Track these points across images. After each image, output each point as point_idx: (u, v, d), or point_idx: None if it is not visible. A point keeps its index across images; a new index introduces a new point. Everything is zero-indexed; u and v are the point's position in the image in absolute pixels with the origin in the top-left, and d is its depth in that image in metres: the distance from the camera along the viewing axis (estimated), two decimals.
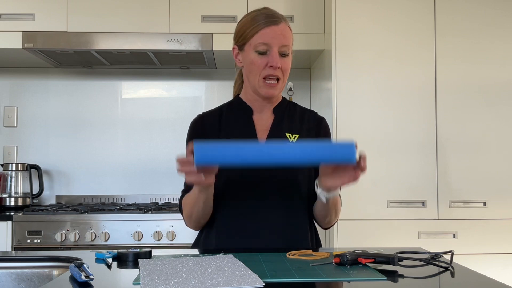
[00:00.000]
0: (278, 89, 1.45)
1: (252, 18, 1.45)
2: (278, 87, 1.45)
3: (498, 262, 2.34)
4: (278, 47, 1.41)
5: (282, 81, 1.45)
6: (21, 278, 1.25)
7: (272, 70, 1.41)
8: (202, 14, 2.68)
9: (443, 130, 2.40)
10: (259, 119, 1.51)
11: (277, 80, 1.43)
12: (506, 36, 2.43)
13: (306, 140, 1.49)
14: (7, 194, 2.88)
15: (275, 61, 1.40)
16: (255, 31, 1.42)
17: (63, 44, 2.65)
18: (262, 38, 1.41)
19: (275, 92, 1.45)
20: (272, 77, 1.42)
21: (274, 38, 1.40)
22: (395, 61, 2.41)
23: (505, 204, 2.39)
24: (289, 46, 1.43)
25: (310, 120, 1.54)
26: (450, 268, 1.12)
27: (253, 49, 1.43)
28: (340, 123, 2.38)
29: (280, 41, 1.41)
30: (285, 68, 1.43)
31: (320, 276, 1.02)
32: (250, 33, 1.43)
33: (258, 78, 1.43)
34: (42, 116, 3.09)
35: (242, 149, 1.17)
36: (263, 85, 1.44)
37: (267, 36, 1.40)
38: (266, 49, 1.41)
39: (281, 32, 1.41)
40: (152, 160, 3.09)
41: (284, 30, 1.43)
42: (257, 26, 1.42)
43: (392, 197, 2.38)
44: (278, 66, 1.40)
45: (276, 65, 1.40)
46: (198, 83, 3.15)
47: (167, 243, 2.48)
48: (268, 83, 1.43)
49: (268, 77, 1.42)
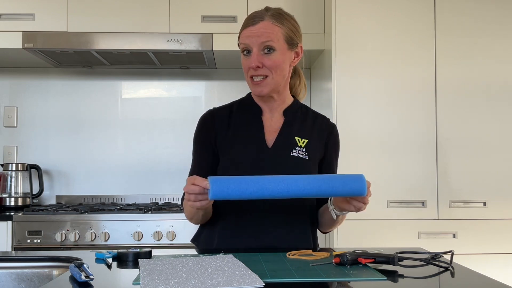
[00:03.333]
0: (267, 86, 1.43)
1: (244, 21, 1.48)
2: (266, 84, 1.43)
3: (498, 262, 2.34)
4: (257, 46, 1.41)
5: (271, 77, 1.43)
6: (21, 278, 1.25)
7: (253, 71, 1.42)
8: (202, 14, 2.68)
9: (443, 130, 2.40)
10: (269, 120, 1.50)
11: (266, 78, 1.43)
12: (506, 35, 2.43)
13: (314, 145, 1.49)
14: (7, 194, 2.88)
15: (252, 62, 1.40)
16: (239, 34, 1.46)
17: (63, 44, 2.65)
18: (242, 40, 1.44)
19: (263, 89, 1.44)
20: (256, 77, 1.43)
21: (251, 38, 1.41)
22: (395, 61, 2.41)
23: (505, 204, 2.39)
24: (271, 41, 1.40)
25: (322, 126, 1.53)
26: (450, 268, 1.12)
27: (241, 51, 1.46)
28: (340, 123, 2.37)
29: (257, 39, 1.40)
30: (270, 65, 1.41)
31: (320, 276, 1.02)
32: (239, 36, 1.47)
33: (248, 78, 1.45)
34: (42, 116, 3.09)
35: (256, 184, 1.17)
36: (251, 84, 1.45)
37: (245, 37, 1.43)
38: (248, 49, 1.43)
39: (257, 31, 1.41)
40: (152, 160, 3.09)
41: (262, 27, 1.41)
42: (241, 29, 1.45)
43: (392, 197, 2.38)
44: (256, 66, 1.40)
45: (252, 65, 1.40)
46: (198, 83, 3.15)
47: (167, 243, 2.48)
48: (254, 82, 1.44)
49: (253, 77, 1.43)
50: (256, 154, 1.44)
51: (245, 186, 1.16)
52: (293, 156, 1.44)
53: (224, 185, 1.15)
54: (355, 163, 2.37)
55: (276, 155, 1.44)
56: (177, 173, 2.99)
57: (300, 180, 1.20)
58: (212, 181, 1.15)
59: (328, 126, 1.55)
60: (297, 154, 1.45)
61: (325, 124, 1.55)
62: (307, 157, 1.45)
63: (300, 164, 1.44)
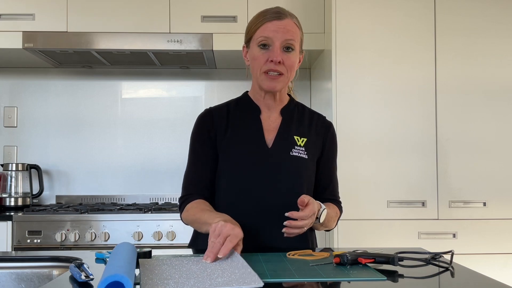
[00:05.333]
0: (281, 83, 1.43)
1: (258, 15, 1.45)
2: (281, 81, 1.42)
3: (498, 262, 2.34)
4: (281, 41, 1.39)
5: (285, 76, 1.42)
6: (21, 278, 1.24)
7: (273, 65, 1.39)
8: (202, 14, 2.68)
9: (443, 130, 2.40)
10: (267, 119, 1.50)
11: (281, 75, 1.42)
12: (506, 35, 2.43)
13: (313, 144, 1.48)
14: (7, 194, 2.88)
15: (276, 56, 1.38)
16: (259, 25, 1.41)
17: (63, 44, 2.65)
18: (264, 32, 1.40)
19: (277, 85, 1.43)
20: (273, 72, 1.41)
21: (276, 32, 1.39)
22: (395, 61, 2.41)
23: (505, 204, 2.39)
24: (294, 41, 1.41)
25: (318, 124, 1.53)
26: (450, 268, 1.12)
27: (256, 43, 1.42)
28: (340, 123, 2.37)
29: (283, 35, 1.39)
30: (289, 64, 1.41)
31: (320, 276, 1.02)
32: (254, 28, 1.43)
33: (260, 72, 1.42)
34: (42, 116, 3.09)
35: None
36: (265, 78, 1.42)
37: (269, 30, 1.39)
38: (268, 43, 1.40)
39: (284, 27, 1.39)
40: (152, 160, 3.09)
41: (288, 25, 1.41)
42: (261, 21, 1.42)
43: (392, 197, 2.38)
44: (279, 61, 1.38)
45: (277, 59, 1.38)
46: (198, 83, 3.15)
47: (167, 243, 2.48)
48: (269, 76, 1.41)
49: (270, 72, 1.41)
50: (257, 154, 1.44)
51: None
52: (293, 155, 1.44)
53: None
54: (355, 163, 2.37)
55: (276, 155, 1.44)
56: (177, 173, 2.97)
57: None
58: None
59: (325, 124, 1.55)
60: (297, 154, 1.45)
61: (322, 122, 1.55)
62: (306, 156, 1.46)
63: (300, 164, 1.44)
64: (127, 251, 1.10)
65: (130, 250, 1.12)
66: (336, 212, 1.51)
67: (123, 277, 0.86)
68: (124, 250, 1.10)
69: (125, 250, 1.10)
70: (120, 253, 1.07)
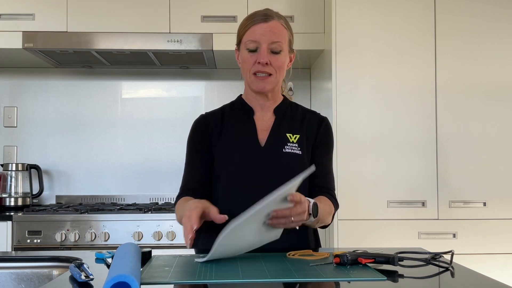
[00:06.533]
0: (270, 84, 1.46)
1: (247, 18, 1.48)
2: (269, 81, 1.45)
3: (498, 262, 2.34)
4: (267, 44, 1.42)
5: (274, 76, 1.45)
6: (21, 278, 1.24)
7: (261, 67, 1.43)
8: (202, 14, 2.68)
9: (443, 130, 2.40)
10: (260, 119, 1.52)
11: (270, 76, 1.44)
12: (506, 35, 2.43)
13: (306, 139, 1.49)
14: (7, 194, 2.88)
15: (263, 57, 1.41)
16: (246, 29, 1.45)
17: (63, 44, 2.65)
18: (251, 35, 1.44)
19: (266, 86, 1.46)
20: (261, 73, 1.44)
21: (262, 35, 1.42)
22: (395, 61, 2.41)
23: (505, 204, 2.39)
24: (281, 42, 1.43)
25: (311, 121, 1.55)
26: (450, 268, 1.12)
27: (245, 47, 1.45)
28: (340, 123, 2.37)
29: (269, 38, 1.42)
30: (277, 65, 1.44)
31: (320, 276, 1.02)
32: (242, 31, 1.47)
33: (249, 73, 1.46)
34: (42, 116, 3.09)
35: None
36: (254, 79, 1.46)
37: (256, 33, 1.43)
38: (256, 46, 1.43)
39: (270, 29, 1.42)
40: (152, 160, 3.09)
41: (274, 27, 1.43)
42: (248, 25, 1.45)
43: (392, 197, 2.38)
44: (266, 62, 1.42)
45: (263, 61, 1.41)
46: (198, 83, 3.15)
47: (167, 243, 2.48)
48: (258, 77, 1.45)
49: (258, 73, 1.44)
50: (250, 154, 1.46)
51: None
52: (286, 152, 1.46)
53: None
54: (355, 163, 2.37)
55: (269, 153, 1.46)
56: (177, 173, 2.95)
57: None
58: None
59: (318, 119, 1.56)
60: (290, 150, 1.46)
61: (314, 118, 1.56)
62: (300, 152, 1.47)
63: (294, 159, 1.46)
64: (132, 251, 1.10)
65: (135, 250, 1.13)
66: (329, 206, 1.49)
67: (129, 277, 0.86)
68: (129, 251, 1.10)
69: (130, 251, 1.10)
70: (125, 253, 1.07)
